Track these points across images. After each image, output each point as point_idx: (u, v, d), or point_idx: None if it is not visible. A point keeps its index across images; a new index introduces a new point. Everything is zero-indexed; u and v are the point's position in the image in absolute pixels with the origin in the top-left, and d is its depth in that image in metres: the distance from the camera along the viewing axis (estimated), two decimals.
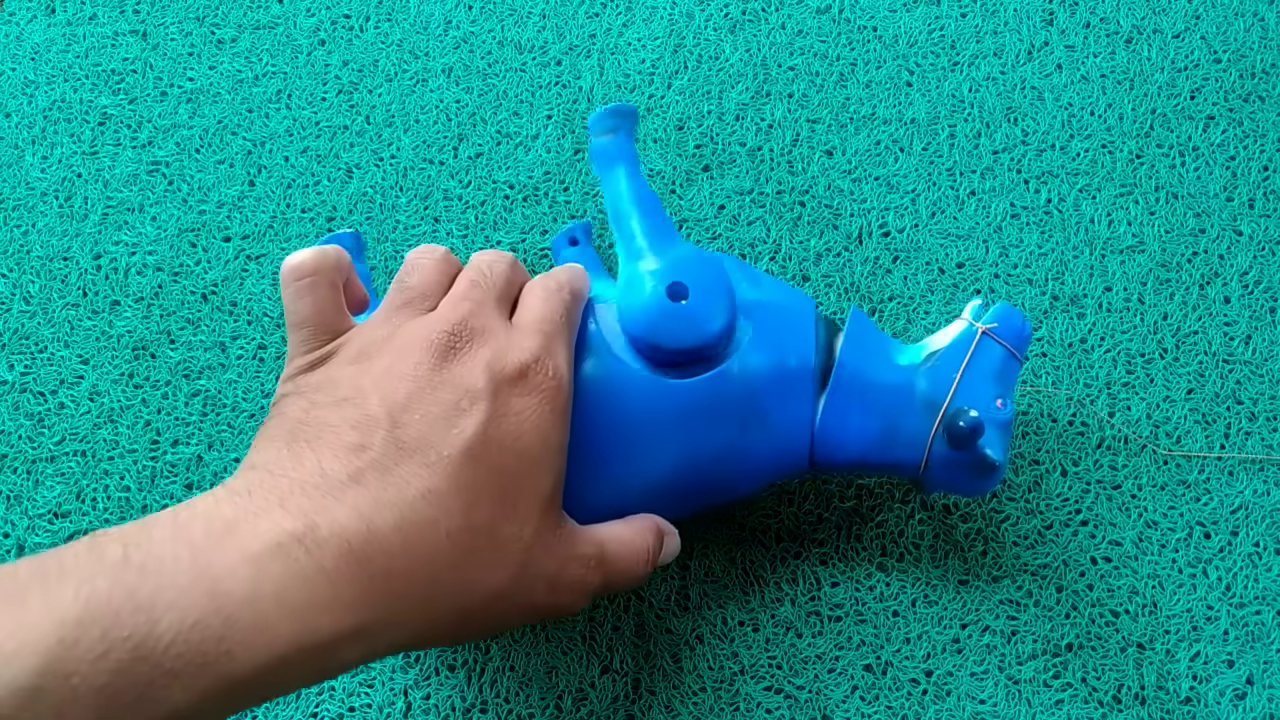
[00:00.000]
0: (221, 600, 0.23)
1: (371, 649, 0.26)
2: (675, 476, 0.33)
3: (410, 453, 0.27)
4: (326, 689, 0.37)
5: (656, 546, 0.32)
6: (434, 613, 0.27)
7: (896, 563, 0.38)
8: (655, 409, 0.32)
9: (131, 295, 0.43)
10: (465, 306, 0.30)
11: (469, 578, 0.27)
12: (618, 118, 0.37)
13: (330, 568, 0.24)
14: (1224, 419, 0.40)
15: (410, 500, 0.26)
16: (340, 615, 0.24)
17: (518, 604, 0.28)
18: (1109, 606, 0.37)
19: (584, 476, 0.32)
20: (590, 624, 0.38)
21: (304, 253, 0.31)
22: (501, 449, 0.28)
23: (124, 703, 0.21)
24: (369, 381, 0.28)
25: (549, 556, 0.29)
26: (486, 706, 0.37)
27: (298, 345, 0.30)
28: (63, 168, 0.45)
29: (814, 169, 0.44)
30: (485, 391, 0.28)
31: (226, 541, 0.24)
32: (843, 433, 0.34)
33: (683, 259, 0.34)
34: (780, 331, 0.34)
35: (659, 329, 0.32)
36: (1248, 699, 0.36)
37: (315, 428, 0.27)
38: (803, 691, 0.37)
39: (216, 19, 0.47)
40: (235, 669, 0.23)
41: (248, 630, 0.23)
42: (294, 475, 0.26)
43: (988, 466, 0.33)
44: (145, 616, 0.22)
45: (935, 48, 0.46)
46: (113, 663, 0.21)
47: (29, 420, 0.41)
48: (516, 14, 0.47)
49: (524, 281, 0.33)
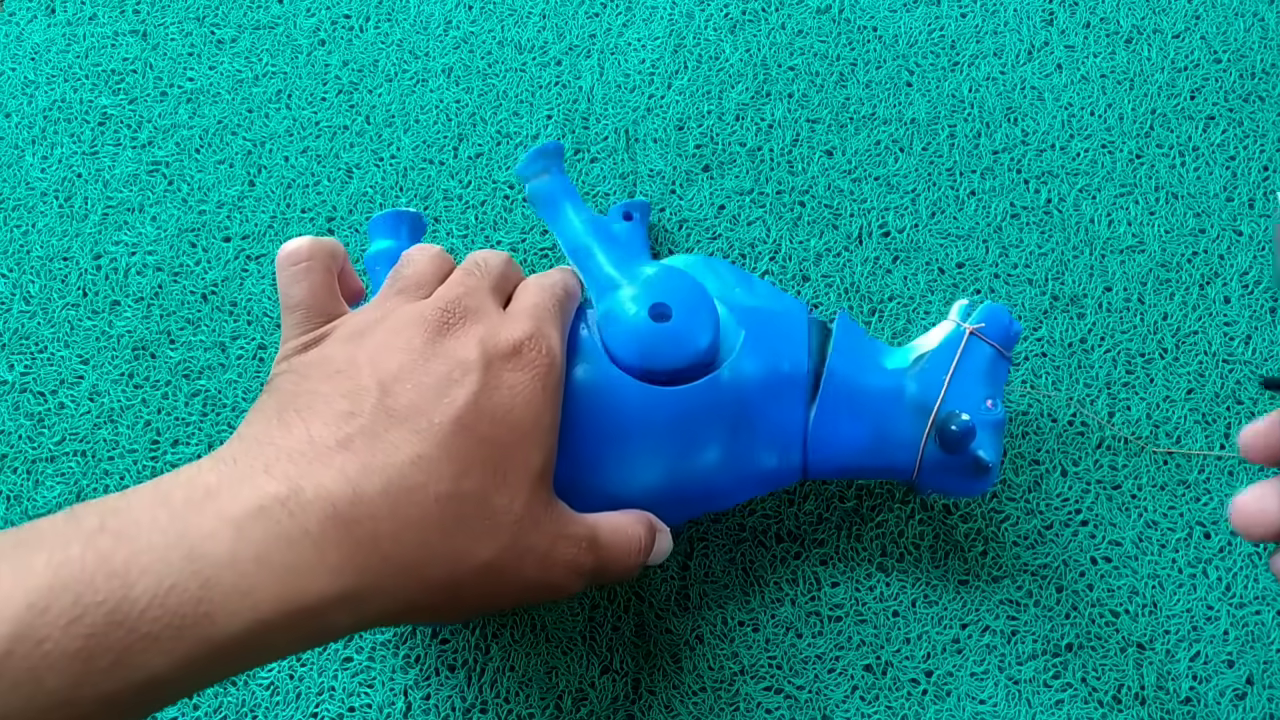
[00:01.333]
0: (200, 563, 0.23)
1: (362, 616, 0.26)
2: (668, 484, 0.33)
3: (400, 420, 0.27)
4: (326, 689, 0.37)
5: (649, 538, 0.32)
6: (425, 580, 0.27)
7: (897, 563, 0.38)
8: (648, 416, 0.32)
9: (131, 295, 0.43)
10: (459, 289, 0.31)
11: (459, 546, 0.27)
12: (544, 159, 0.37)
13: (315, 530, 0.24)
14: (1224, 419, 0.40)
15: (398, 465, 0.26)
16: (326, 578, 0.24)
17: (510, 579, 0.28)
18: (1109, 606, 0.37)
19: (577, 483, 0.31)
20: (590, 624, 0.38)
21: (300, 239, 0.31)
22: (493, 420, 0.28)
23: (100, 667, 0.21)
24: (363, 356, 0.28)
25: (540, 532, 0.29)
26: (486, 706, 0.37)
27: (292, 328, 0.30)
28: (63, 168, 0.45)
29: (814, 169, 0.44)
30: (478, 363, 0.28)
31: (207, 506, 0.24)
32: (835, 439, 0.34)
33: (657, 279, 0.33)
34: (773, 337, 0.34)
35: (648, 353, 0.32)
36: (1248, 699, 0.36)
37: (306, 398, 0.27)
38: (803, 691, 0.37)
39: (216, 19, 0.47)
40: (216, 632, 0.23)
41: (228, 593, 0.23)
42: (281, 443, 0.26)
43: (981, 468, 0.33)
44: (120, 581, 0.22)
45: (935, 48, 0.46)
46: (86, 627, 0.21)
47: (29, 420, 0.41)
48: (516, 14, 0.47)
49: (519, 278, 0.33)
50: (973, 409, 0.33)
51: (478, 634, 0.38)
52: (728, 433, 0.33)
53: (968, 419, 0.32)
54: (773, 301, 0.36)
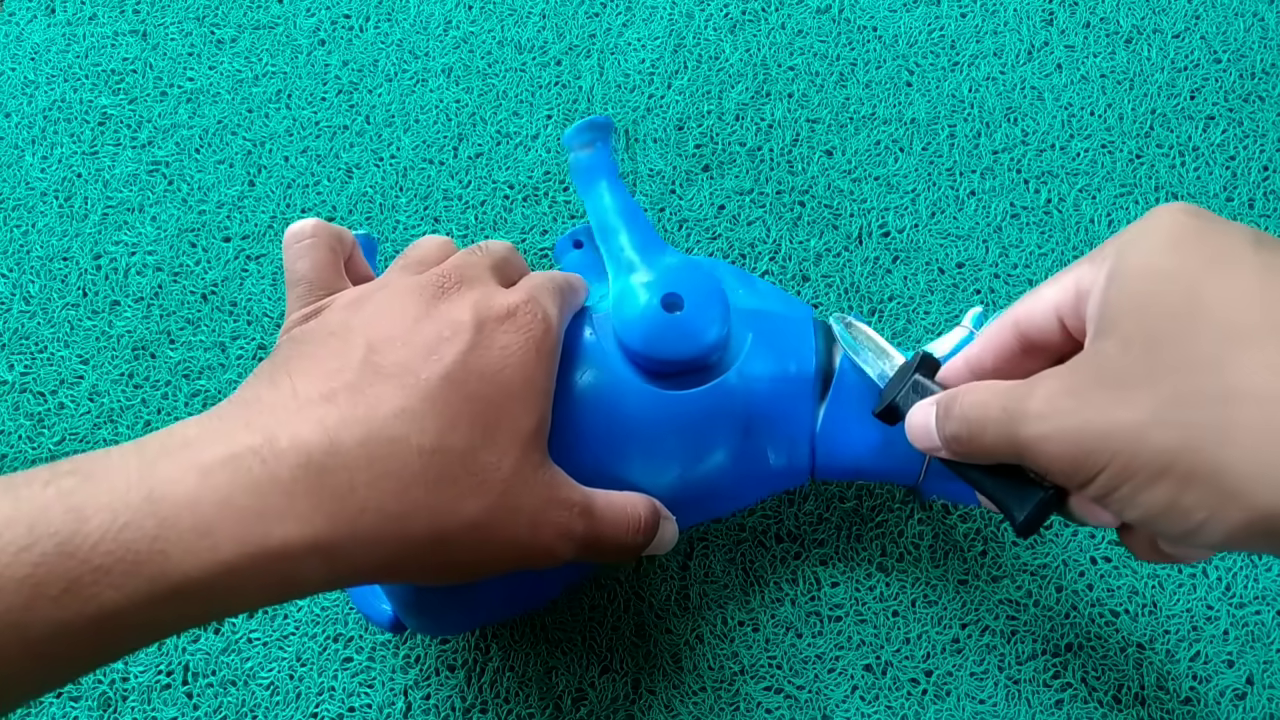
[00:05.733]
0: (159, 505, 0.23)
1: (338, 567, 0.26)
2: (676, 487, 0.33)
3: (387, 377, 0.27)
4: (326, 689, 0.37)
5: (650, 519, 0.31)
6: (408, 534, 0.26)
7: (896, 563, 0.38)
8: (656, 421, 0.32)
9: (131, 295, 0.43)
10: (457, 263, 0.31)
11: (445, 500, 0.27)
12: (593, 131, 0.37)
13: (285, 477, 0.24)
14: None
15: (381, 417, 0.26)
16: (293, 525, 0.24)
17: (498, 538, 0.28)
18: (1109, 606, 0.37)
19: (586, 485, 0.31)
20: (590, 624, 0.38)
21: (306, 220, 0.32)
22: (482, 378, 0.28)
23: (50, 595, 0.22)
24: (357, 320, 0.29)
25: (530, 493, 0.28)
26: (486, 706, 0.37)
27: (295, 301, 0.31)
28: (63, 168, 0.45)
29: (814, 169, 0.44)
30: (469, 324, 0.28)
31: (180, 454, 0.24)
32: (843, 441, 0.34)
33: (675, 269, 0.33)
34: (780, 340, 0.34)
35: (655, 341, 0.32)
36: (1248, 699, 0.36)
37: (298, 360, 0.28)
38: (803, 691, 0.37)
39: (216, 19, 0.47)
40: (173, 570, 0.23)
41: (185, 533, 0.23)
42: (267, 399, 0.26)
43: None
44: (75, 515, 0.22)
45: (935, 48, 0.46)
46: (36, 555, 0.22)
47: (29, 420, 0.41)
48: (516, 14, 0.47)
49: (521, 268, 0.34)
50: None
51: (478, 634, 0.38)
52: (737, 436, 0.33)
53: None
54: (778, 304, 0.36)
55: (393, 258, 0.43)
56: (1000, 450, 0.26)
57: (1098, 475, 0.23)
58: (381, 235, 0.43)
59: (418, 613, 0.34)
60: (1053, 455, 0.24)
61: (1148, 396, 0.22)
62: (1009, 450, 0.25)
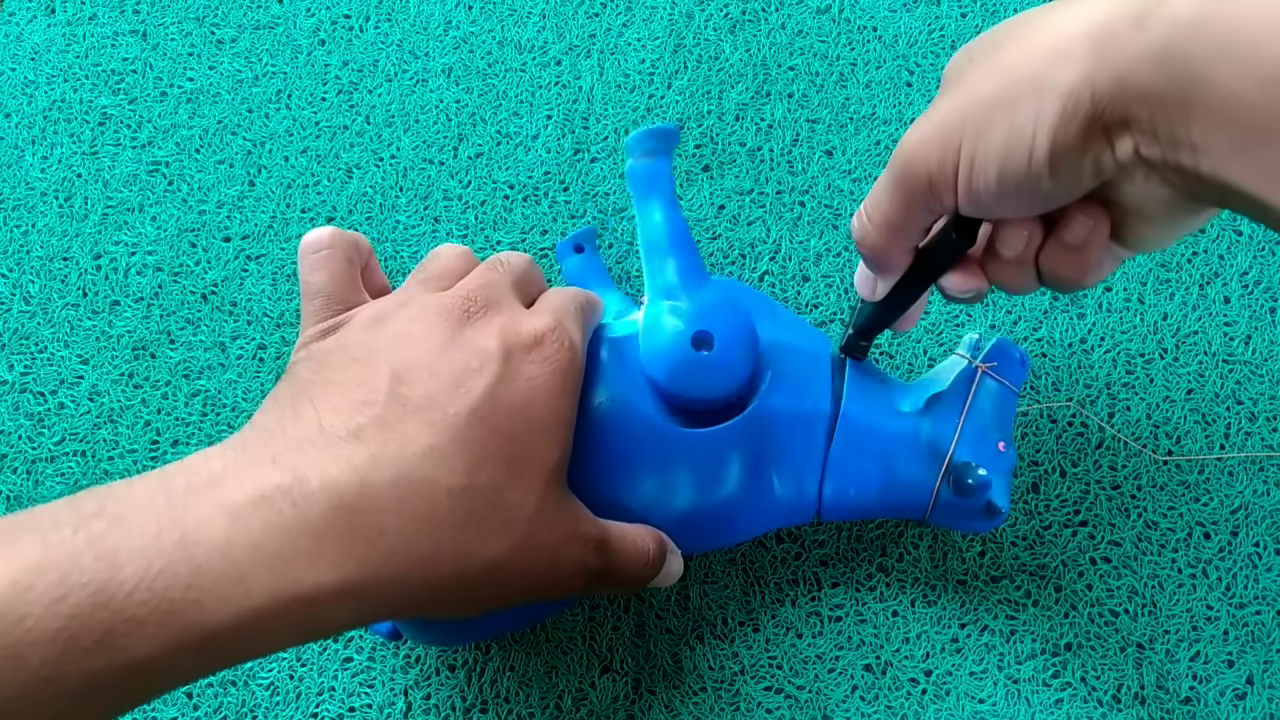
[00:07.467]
0: (191, 549, 0.22)
1: (364, 609, 0.25)
2: (682, 520, 0.33)
3: (415, 410, 0.26)
4: (326, 689, 0.37)
5: (658, 553, 0.32)
6: (434, 576, 0.26)
7: (896, 563, 0.38)
8: (670, 455, 0.32)
9: (131, 295, 0.43)
10: (482, 281, 0.31)
11: (470, 542, 0.27)
12: (657, 140, 0.35)
13: (316, 520, 0.24)
14: (1224, 419, 0.40)
15: (410, 456, 0.26)
16: (324, 569, 0.24)
17: (519, 574, 0.28)
18: (1108, 606, 0.37)
19: (595, 512, 0.31)
20: (590, 624, 0.38)
21: (322, 229, 0.31)
22: (510, 413, 0.27)
23: (83, 646, 0.21)
24: (381, 343, 0.28)
25: (550, 530, 0.28)
26: (486, 706, 0.37)
27: (311, 315, 0.30)
28: (63, 168, 0.45)
29: (814, 169, 0.44)
30: (497, 354, 0.28)
31: (208, 493, 0.24)
32: (848, 480, 0.34)
33: (710, 305, 0.33)
34: (797, 375, 0.34)
35: (681, 379, 0.32)
36: (1248, 699, 0.36)
37: (321, 386, 0.27)
38: (803, 691, 0.37)
39: (216, 19, 0.47)
40: (206, 619, 0.22)
41: (218, 580, 0.23)
42: (292, 432, 0.26)
43: (993, 512, 0.33)
44: (108, 564, 0.22)
45: (935, 48, 0.46)
46: (70, 607, 0.21)
47: (29, 420, 0.41)
48: (516, 14, 0.47)
49: (540, 281, 0.33)
50: (986, 456, 0.33)
51: None
52: (747, 473, 0.33)
53: (984, 474, 0.33)
54: (798, 336, 0.35)
55: (392, 258, 0.43)
56: (894, 184, 0.27)
57: (961, 146, 0.25)
58: (381, 235, 0.43)
59: (418, 628, 0.34)
60: (927, 146, 0.26)
61: (977, 76, 0.25)
62: (900, 176, 0.27)
